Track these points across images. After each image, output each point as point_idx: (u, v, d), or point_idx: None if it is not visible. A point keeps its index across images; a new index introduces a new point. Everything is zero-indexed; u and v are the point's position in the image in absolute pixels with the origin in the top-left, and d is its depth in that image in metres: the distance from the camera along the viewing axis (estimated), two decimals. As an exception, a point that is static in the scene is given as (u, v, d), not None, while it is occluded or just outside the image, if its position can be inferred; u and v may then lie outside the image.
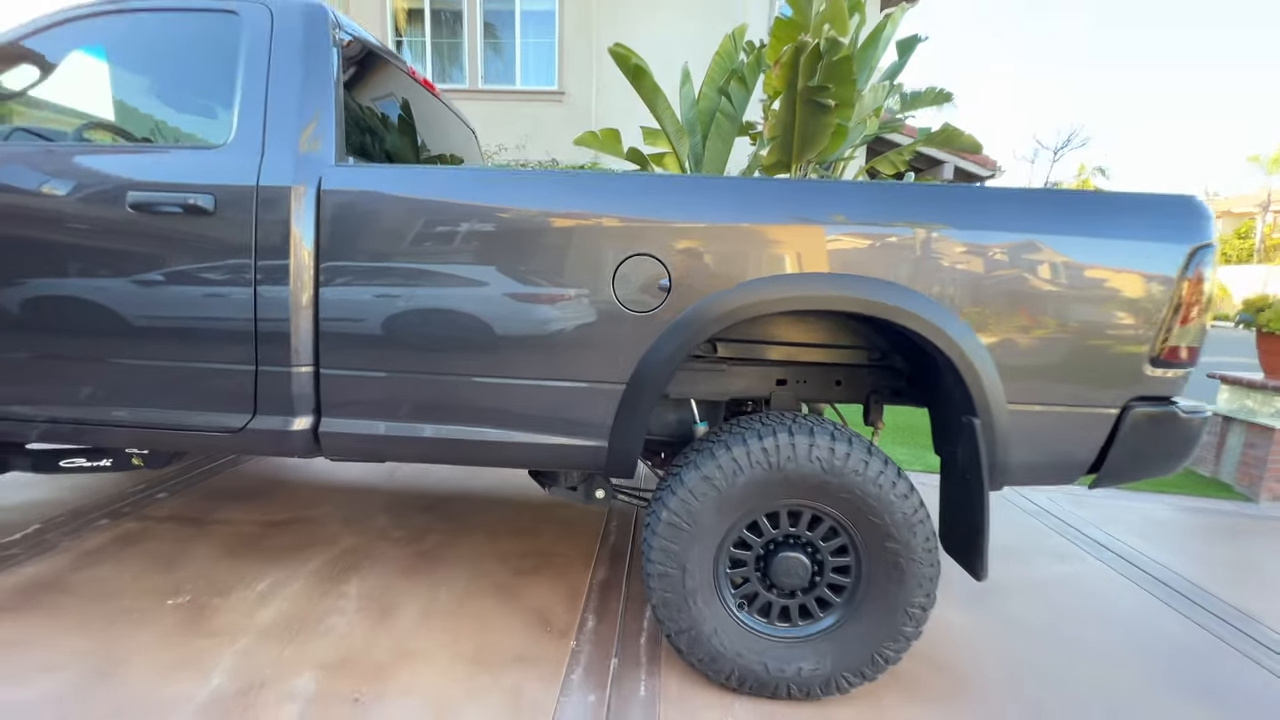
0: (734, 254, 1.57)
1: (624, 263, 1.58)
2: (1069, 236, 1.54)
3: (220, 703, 1.60)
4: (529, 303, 1.62)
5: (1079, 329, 1.56)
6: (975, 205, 1.57)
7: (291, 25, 1.72)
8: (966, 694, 1.81)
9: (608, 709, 1.66)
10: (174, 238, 1.63)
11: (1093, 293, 1.55)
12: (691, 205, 1.58)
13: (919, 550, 1.61)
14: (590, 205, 1.60)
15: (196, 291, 1.65)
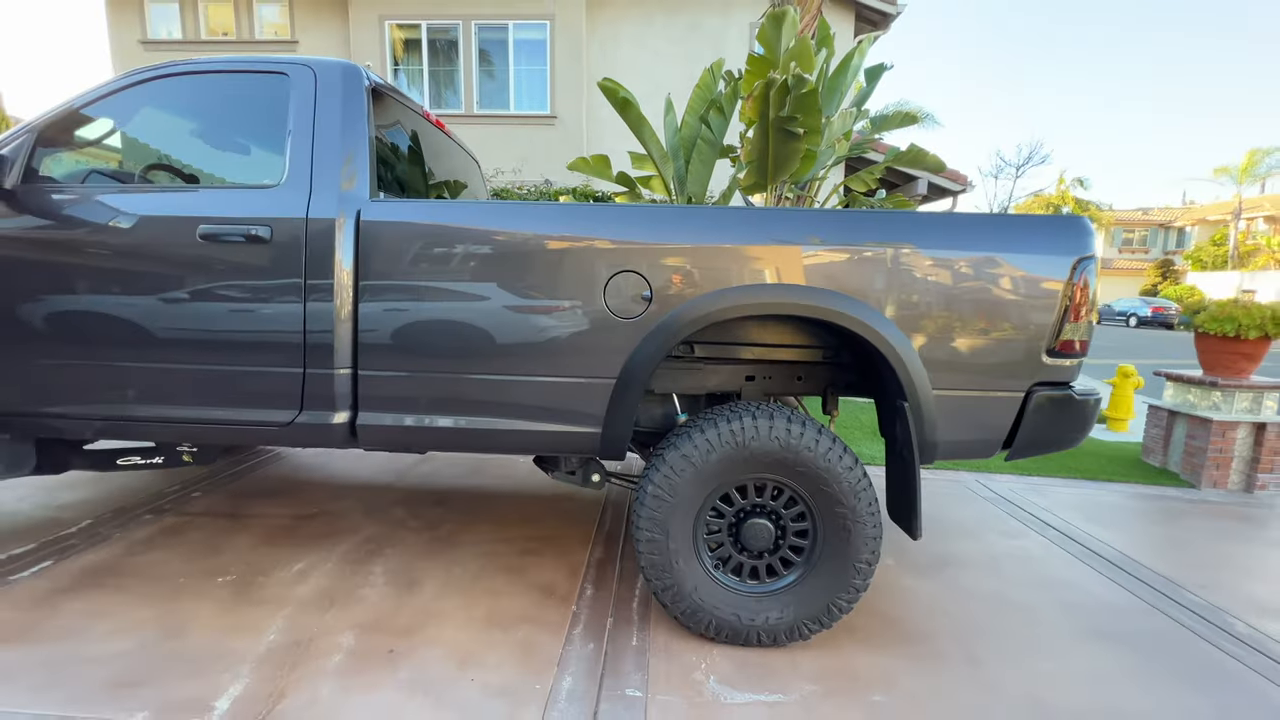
0: (703, 269, 1.91)
1: (613, 278, 1.91)
2: (979, 252, 1.89)
3: (277, 653, 1.88)
4: (535, 313, 1.94)
5: (988, 327, 1.90)
6: (906, 227, 1.91)
7: (332, 83, 2.06)
8: (915, 642, 2.12)
9: (604, 655, 1.95)
10: (237, 263, 1.95)
11: (998, 297, 1.89)
12: (667, 230, 1.91)
13: (864, 514, 1.93)
14: (583, 230, 1.93)
15: (255, 307, 1.97)
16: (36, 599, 2.13)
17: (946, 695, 1.84)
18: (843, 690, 1.84)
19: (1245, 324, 4.07)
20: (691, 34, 9.13)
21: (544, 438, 2.04)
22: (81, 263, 1.99)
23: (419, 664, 1.87)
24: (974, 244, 1.90)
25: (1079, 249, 1.90)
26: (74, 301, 1.99)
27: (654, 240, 1.91)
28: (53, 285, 1.99)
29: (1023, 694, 1.87)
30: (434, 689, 1.76)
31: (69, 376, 2.03)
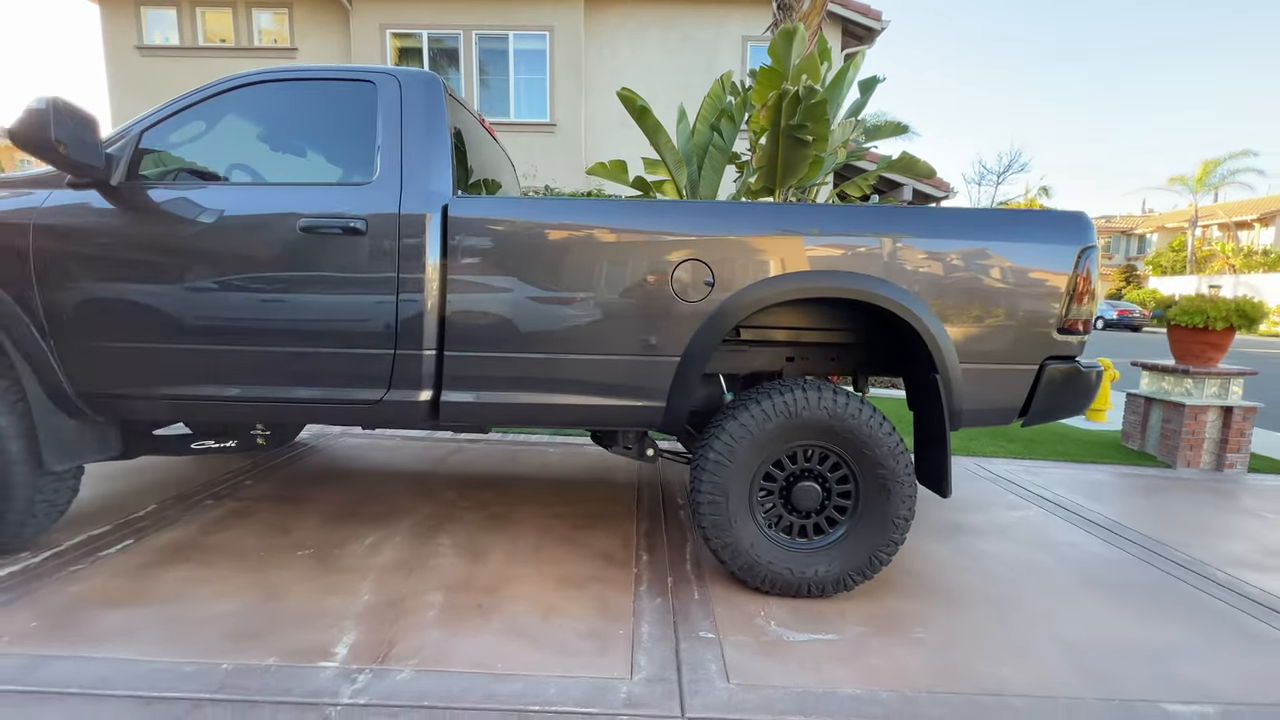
0: (761, 257, 2.14)
1: (679, 266, 2.14)
2: (998, 242, 2.16)
3: (376, 610, 2.05)
4: (606, 298, 2.16)
5: (1006, 308, 2.17)
6: (932, 221, 2.18)
7: (416, 90, 2.26)
8: (943, 592, 2.37)
9: (672, 607, 2.16)
10: (334, 253, 2.13)
11: (1015, 281, 2.17)
12: (729, 222, 2.15)
13: (902, 474, 2.17)
14: (652, 223, 2.16)
15: (350, 293, 2.14)
16: (133, 570, 2.26)
17: (979, 631, 2.09)
18: (888, 630, 2.08)
19: (1213, 316, 4.45)
20: (685, 46, 9.46)
21: (611, 412, 2.25)
22: (183, 254, 2.14)
23: (508, 616, 2.05)
24: (994, 236, 2.17)
25: (1082, 239, 2.19)
26: (177, 290, 2.14)
27: (716, 232, 2.14)
28: (156, 275, 2.14)
29: (1043, 629, 2.12)
30: (529, 633, 1.95)
31: (171, 361, 2.18)
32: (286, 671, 1.71)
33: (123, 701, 1.56)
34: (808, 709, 1.65)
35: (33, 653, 1.75)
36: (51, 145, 1.85)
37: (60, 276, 2.12)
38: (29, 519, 2.22)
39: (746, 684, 1.74)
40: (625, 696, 1.67)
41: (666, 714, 1.60)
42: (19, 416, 2.16)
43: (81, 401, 2.21)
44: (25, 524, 2.22)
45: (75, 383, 2.18)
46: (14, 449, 2.13)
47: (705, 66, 8.90)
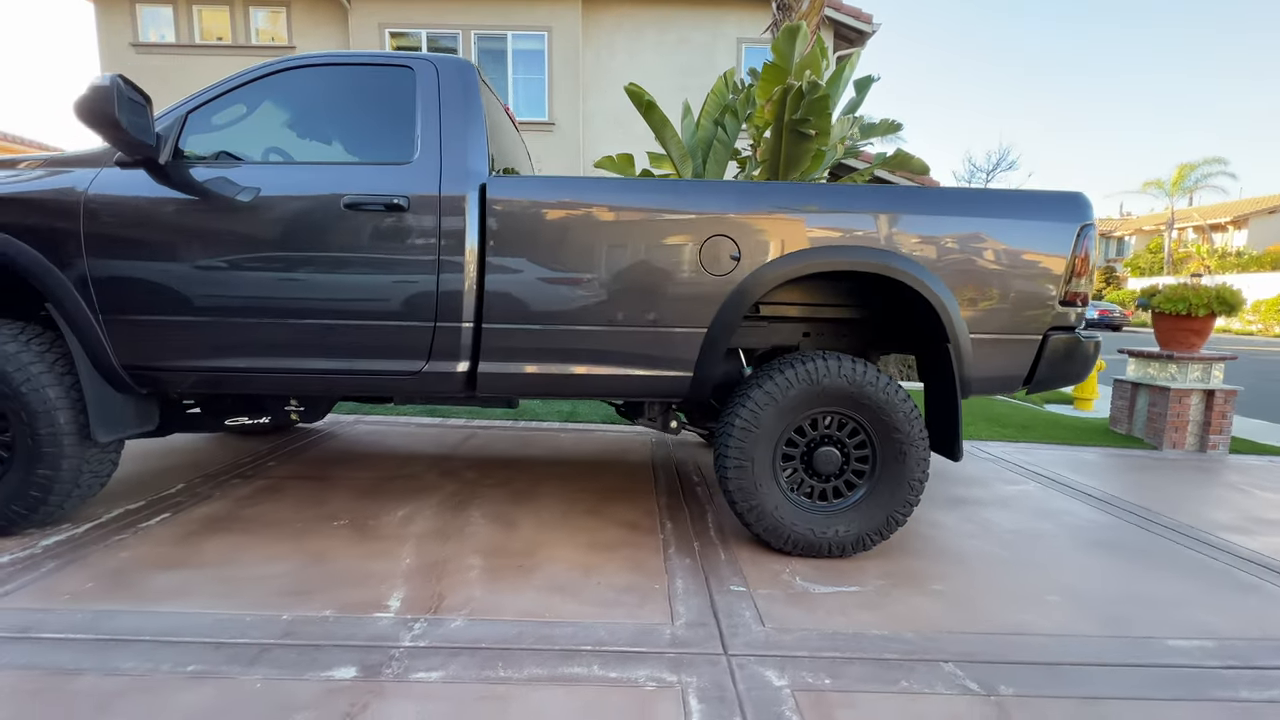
0: (784, 233, 2.26)
1: (707, 241, 2.25)
2: (1004, 219, 2.31)
3: (420, 571, 2.14)
4: (638, 272, 2.27)
5: (1013, 281, 2.31)
6: (944, 200, 2.31)
7: (452, 75, 2.36)
8: (955, 553, 2.50)
9: (701, 566, 2.27)
10: (377, 228, 2.22)
11: (1020, 257, 2.31)
12: (754, 200, 2.27)
13: (916, 439, 2.30)
14: (682, 201, 2.27)
15: (392, 267, 2.23)
16: (176, 539, 2.32)
17: (992, 585, 2.23)
18: (906, 583, 2.20)
19: (1195, 303, 4.66)
20: (681, 47, 9.62)
21: (641, 382, 2.36)
22: (229, 230, 2.22)
23: (549, 574, 2.15)
24: (1000, 214, 2.31)
25: (1081, 217, 2.34)
26: (222, 265, 2.22)
27: (743, 210, 2.26)
28: (202, 251, 2.22)
29: (1053, 583, 2.26)
30: (570, 589, 2.05)
31: (216, 335, 2.25)
32: (345, 621, 1.79)
33: (195, 647, 1.64)
34: (840, 646, 1.76)
35: (95, 608, 1.81)
36: (114, 121, 1.92)
37: (109, 253, 2.19)
38: (74, 489, 2.27)
39: (781, 628, 1.85)
40: (670, 638, 1.77)
41: (710, 652, 1.71)
42: (67, 389, 2.21)
43: (127, 375, 2.27)
44: (70, 494, 2.27)
45: (122, 356, 2.25)
46: (62, 420, 2.19)
47: (701, 68, 9.07)
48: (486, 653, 1.66)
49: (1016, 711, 1.51)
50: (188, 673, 1.53)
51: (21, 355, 2.16)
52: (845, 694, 1.54)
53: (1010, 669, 1.69)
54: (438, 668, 1.58)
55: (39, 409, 2.16)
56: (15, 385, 2.14)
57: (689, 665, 1.64)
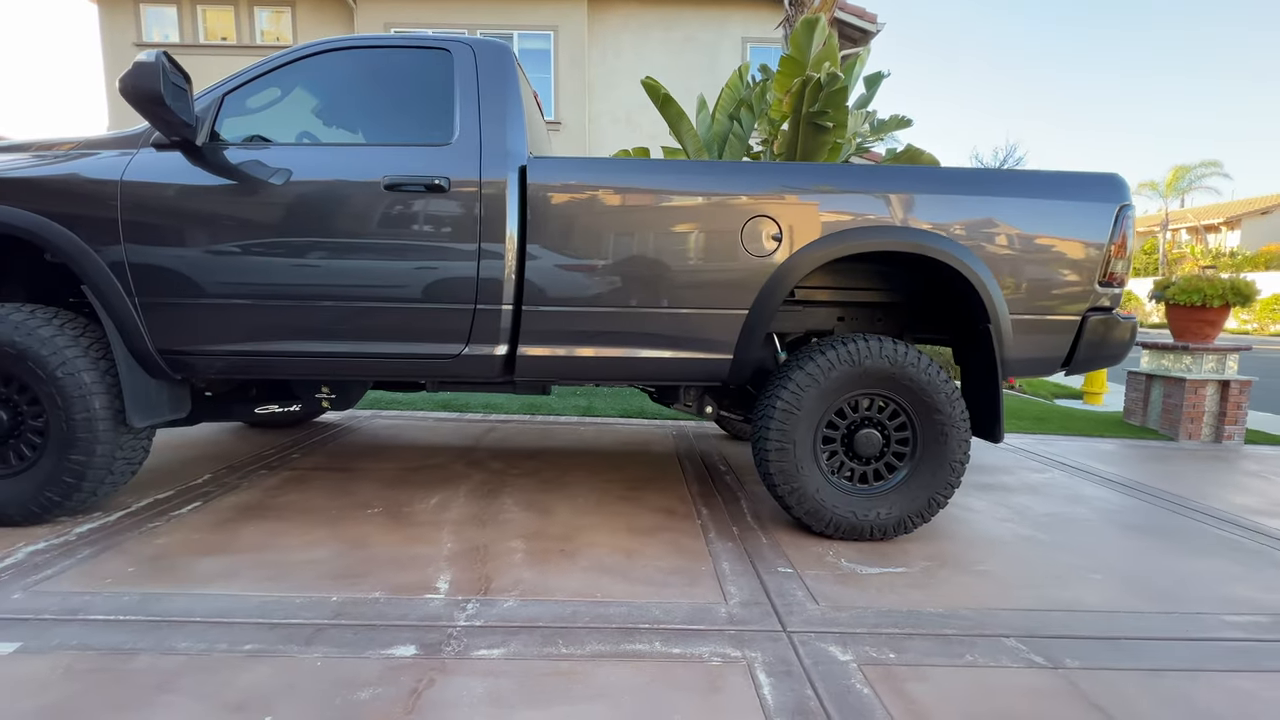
0: (825, 214, 2.26)
1: (749, 222, 2.25)
2: (1044, 200, 2.31)
3: (462, 555, 2.11)
4: (679, 254, 2.26)
5: (1053, 262, 2.31)
6: (985, 181, 2.32)
7: (490, 58, 2.35)
8: (994, 536, 2.50)
9: (744, 549, 2.25)
10: (417, 210, 2.20)
11: (1061, 237, 2.31)
12: (796, 181, 2.27)
13: (958, 420, 2.30)
14: (724, 183, 2.26)
15: (433, 249, 2.21)
16: (211, 526, 2.29)
17: (1037, 565, 2.22)
18: (951, 564, 2.19)
19: (1209, 294, 4.69)
20: (687, 46, 9.66)
21: (681, 364, 2.34)
22: (266, 212, 2.20)
23: (593, 557, 2.13)
24: (1040, 194, 2.32)
25: (1120, 198, 2.34)
26: (259, 248, 2.20)
27: (784, 190, 2.26)
28: (239, 233, 2.19)
29: (1096, 562, 2.26)
30: (616, 571, 2.03)
31: (253, 318, 2.22)
32: (395, 602, 1.77)
33: (248, 627, 1.61)
34: (898, 623, 1.75)
35: (141, 591, 1.78)
36: (159, 99, 1.90)
37: (146, 236, 2.16)
38: (107, 476, 2.24)
39: (835, 606, 1.84)
40: (726, 616, 1.75)
41: (769, 629, 1.69)
42: (102, 373, 2.18)
43: (162, 360, 2.24)
44: (103, 481, 2.24)
45: (158, 340, 2.22)
46: (98, 405, 2.16)
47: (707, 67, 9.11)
48: (545, 630, 1.64)
49: (1085, 682, 1.50)
50: (245, 652, 1.50)
51: (57, 339, 2.13)
52: (913, 668, 1.53)
53: (1071, 643, 1.67)
54: (498, 645, 1.56)
55: (74, 394, 2.13)
56: (51, 369, 2.11)
57: (750, 641, 1.62)
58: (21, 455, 2.21)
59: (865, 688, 1.43)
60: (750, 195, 2.25)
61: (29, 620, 1.60)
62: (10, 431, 2.19)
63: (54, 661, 1.44)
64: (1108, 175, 2.39)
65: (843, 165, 2.35)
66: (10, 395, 2.19)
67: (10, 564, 1.93)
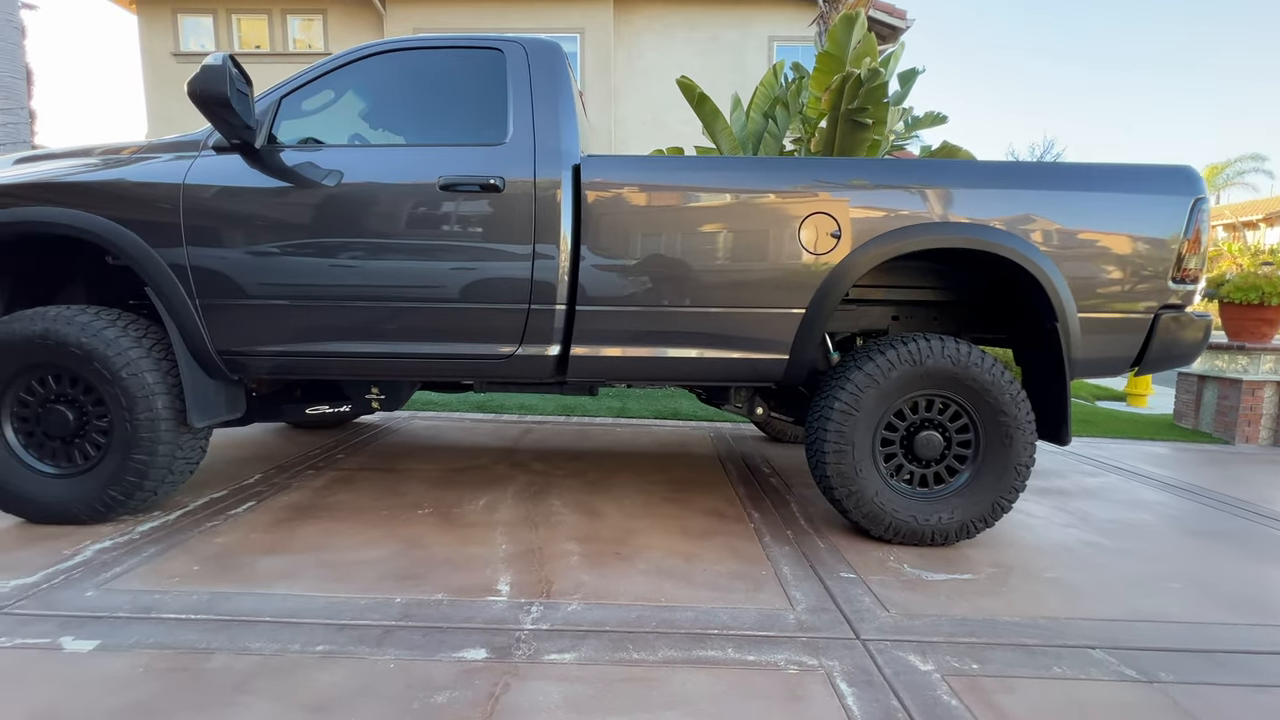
0: (888, 210, 2.20)
1: (807, 218, 2.20)
2: (1115, 193, 2.23)
3: (519, 556, 2.10)
4: (736, 252, 2.22)
5: (1125, 257, 2.23)
6: (1051, 175, 2.24)
7: (541, 56, 2.34)
8: (1059, 542, 2.41)
9: (802, 553, 2.20)
10: (471, 209, 2.19)
11: (1133, 232, 2.23)
12: (855, 175, 2.22)
13: (1023, 422, 2.22)
14: (782, 178, 2.22)
15: (487, 248, 2.20)
16: (268, 525, 2.31)
17: (1109, 573, 2.14)
18: (1019, 571, 2.12)
19: (1268, 292, 4.51)
20: (712, 46, 9.62)
21: (735, 365, 2.30)
22: (323, 213, 2.21)
23: (649, 560, 2.10)
24: (1111, 188, 2.23)
25: (1194, 191, 2.25)
26: (317, 248, 2.21)
27: (843, 185, 2.21)
28: (296, 234, 2.21)
29: (1170, 569, 2.17)
30: (676, 574, 1.99)
31: (310, 318, 2.24)
32: (459, 604, 1.76)
33: (317, 628, 1.61)
34: (975, 632, 1.69)
35: (209, 590, 1.79)
36: (225, 101, 1.92)
37: (208, 238, 2.19)
38: (168, 475, 2.27)
39: (906, 613, 1.78)
40: (795, 622, 1.71)
41: (842, 636, 1.64)
42: (164, 374, 2.21)
43: (221, 360, 2.27)
44: (164, 480, 2.27)
45: (217, 341, 2.24)
46: (160, 405, 2.18)
47: (732, 66, 9.06)
48: (613, 635, 1.61)
49: (1184, 698, 1.43)
50: (318, 653, 1.50)
51: (121, 340, 2.16)
52: (999, 679, 1.47)
53: (1162, 656, 1.60)
54: (568, 649, 1.54)
55: (138, 394, 2.15)
56: (115, 370, 2.14)
57: (825, 649, 1.57)
58: (86, 455, 2.25)
59: (953, 699, 1.38)
60: (807, 190, 2.21)
61: (104, 618, 1.62)
62: (76, 431, 2.23)
63: (132, 660, 1.45)
64: (1181, 168, 2.29)
65: (905, 160, 2.29)
66: (76, 396, 2.23)
67: (80, 561, 1.96)
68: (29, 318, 2.15)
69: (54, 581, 1.81)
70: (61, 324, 2.13)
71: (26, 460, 2.23)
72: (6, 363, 2.16)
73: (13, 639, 1.51)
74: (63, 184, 2.20)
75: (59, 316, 2.15)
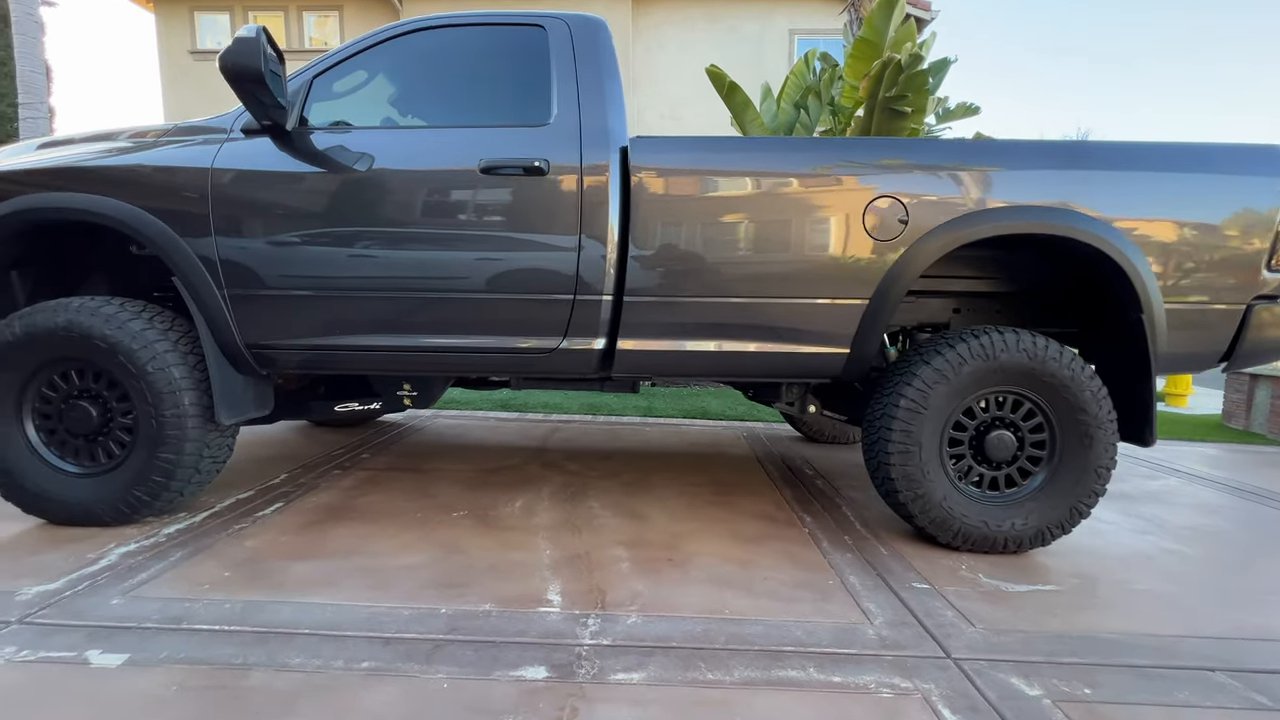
0: (958, 193, 2.05)
1: (871, 203, 2.06)
2: (1202, 175, 2.06)
3: (565, 563, 1.97)
4: (794, 238, 2.08)
5: (1214, 244, 2.07)
6: (1133, 155, 2.08)
7: (585, 32, 2.21)
8: (1137, 552, 2.26)
9: (865, 560, 2.06)
10: (514, 194, 2.07)
11: (1223, 216, 2.06)
12: (924, 156, 2.07)
13: (1105, 420, 2.06)
14: (846, 160, 2.08)
15: (531, 236, 2.08)
16: (298, 527, 2.19)
17: (1201, 584, 1.98)
18: (1105, 582, 1.96)
19: (1328, 286, 4.29)
20: (731, 39, 9.47)
21: (791, 359, 2.16)
22: (358, 199, 2.09)
23: (704, 568, 1.96)
24: (1197, 169, 2.07)
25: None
26: (351, 236, 2.09)
27: (910, 167, 2.06)
28: (330, 221, 2.09)
29: (1265, 581, 2.01)
30: (736, 583, 1.85)
31: (344, 310, 2.12)
32: (509, 616, 1.63)
33: (360, 641, 1.48)
34: (1076, 651, 1.54)
35: (242, 598, 1.68)
36: (259, 76, 1.80)
37: (237, 225, 2.08)
38: (195, 475, 2.16)
39: (994, 629, 1.63)
40: (876, 638, 1.56)
41: (931, 655, 1.50)
42: (191, 369, 2.10)
43: (250, 354, 2.16)
44: (191, 480, 2.16)
45: (246, 334, 2.13)
46: (187, 401, 2.07)
47: (751, 59, 8.90)
48: (681, 652, 1.48)
49: (1330, 730, 1.27)
50: (363, 670, 1.37)
51: (147, 333, 2.06)
52: (1120, 706, 1.32)
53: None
54: (635, 668, 1.41)
55: (164, 389, 2.05)
56: (141, 364, 2.03)
57: (916, 670, 1.43)
58: (110, 453, 2.14)
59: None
60: (872, 172, 2.06)
61: (132, 629, 1.51)
62: (99, 429, 2.13)
63: (165, 677, 1.33)
64: (1272, 148, 2.13)
65: (975, 141, 2.14)
66: (100, 391, 2.12)
67: (104, 566, 1.85)
68: (51, 309, 2.05)
69: (78, 588, 1.71)
70: (85, 316, 2.03)
71: (49, 458, 2.13)
72: (28, 356, 2.06)
73: (37, 651, 1.40)
74: (86, 169, 2.09)
75: (83, 308, 2.05)
